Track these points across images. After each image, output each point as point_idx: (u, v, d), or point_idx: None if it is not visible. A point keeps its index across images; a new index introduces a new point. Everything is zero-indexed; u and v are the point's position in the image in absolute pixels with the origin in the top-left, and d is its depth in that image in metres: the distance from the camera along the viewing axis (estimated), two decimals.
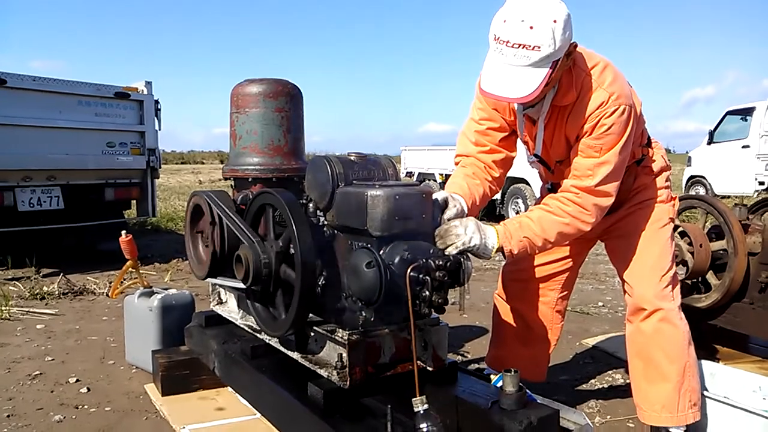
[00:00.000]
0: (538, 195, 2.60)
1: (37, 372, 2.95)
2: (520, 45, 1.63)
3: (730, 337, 3.01)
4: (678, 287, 2.06)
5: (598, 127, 1.78)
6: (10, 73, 5.26)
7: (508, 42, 1.64)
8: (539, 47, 1.62)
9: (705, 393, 2.19)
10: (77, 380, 2.85)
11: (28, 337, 3.55)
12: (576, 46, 1.74)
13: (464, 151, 2.12)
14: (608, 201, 1.86)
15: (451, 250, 1.70)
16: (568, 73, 1.80)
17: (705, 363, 2.45)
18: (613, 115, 1.76)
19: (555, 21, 1.62)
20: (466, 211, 1.89)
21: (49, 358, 3.17)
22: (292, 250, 1.78)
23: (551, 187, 2.18)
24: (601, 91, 1.77)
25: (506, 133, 2.06)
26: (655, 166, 2.09)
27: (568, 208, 1.83)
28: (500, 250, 1.80)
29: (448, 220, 1.78)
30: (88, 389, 2.74)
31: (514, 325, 2.34)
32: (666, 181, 2.12)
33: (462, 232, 1.72)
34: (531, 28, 1.61)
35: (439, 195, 1.85)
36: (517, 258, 1.90)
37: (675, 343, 1.98)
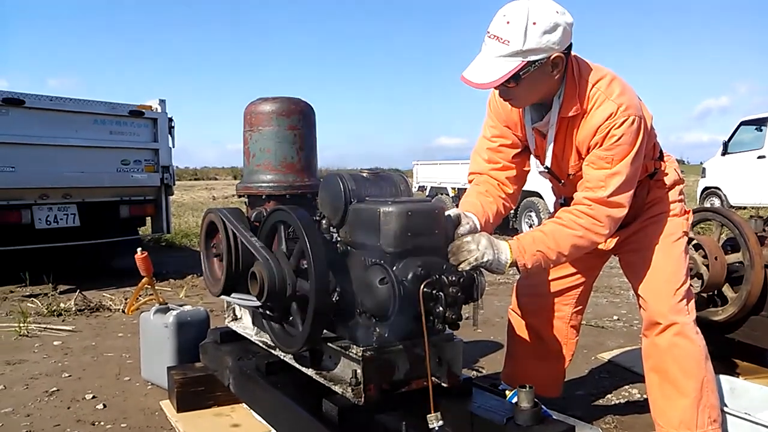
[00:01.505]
0: (551, 209, 2.60)
1: (54, 388, 2.97)
2: (494, 36, 1.71)
3: (749, 351, 2.97)
4: (693, 301, 2.04)
5: (608, 138, 1.78)
6: (29, 93, 5.37)
7: (489, 32, 1.73)
8: (508, 42, 1.68)
9: (725, 409, 2.16)
10: (93, 397, 2.87)
11: (46, 354, 3.59)
12: (563, 59, 1.75)
13: (477, 168, 2.15)
14: (621, 212, 1.84)
15: (464, 267, 1.69)
16: (572, 84, 1.82)
17: (724, 378, 2.42)
18: (623, 126, 1.76)
19: (534, 23, 1.66)
20: (479, 228, 1.89)
21: (66, 375, 3.19)
22: (305, 267, 1.80)
23: (564, 201, 2.18)
24: (609, 103, 1.78)
25: (518, 150, 2.07)
26: (668, 180, 2.08)
27: (581, 220, 1.82)
28: (513, 264, 1.80)
29: (461, 236, 1.79)
30: (105, 406, 2.76)
31: (529, 340, 2.33)
32: (679, 194, 2.11)
33: (474, 248, 1.72)
34: (508, 23, 1.69)
35: (452, 212, 1.86)
36: (532, 272, 1.89)
37: (691, 357, 1.96)
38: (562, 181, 2.05)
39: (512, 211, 9.69)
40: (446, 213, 1.81)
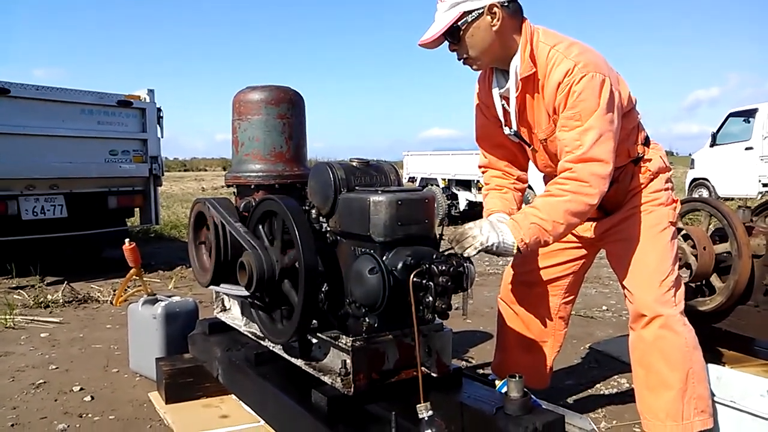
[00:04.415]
0: None
1: (41, 381, 2.95)
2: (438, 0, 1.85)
3: (736, 340, 3.00)
4: (681, 291, 2.02)
5: (570, 96, 1.78)
6: (14, 82, 5.29)
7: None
8: None
9: (712, 397, 2.17)
10: (81, 389, 2.84)
11: (32, 346, 3.55)
12: (499, 8, 1.80)
13: (482, 162, 2.23)
14: (605, 168, 1.80)
15: (470, 252, 1.70)
16: (527, 47, 1.85)
17: (711, 367, 2.43)
18: (582, 81, 1.76)
19: None
20: None
21: (53, 367, 3.17)
22: (295, 256, 1.79)
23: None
24: (566, 61, 1.80)
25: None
26: (653, 166, 2.04)
27: (567, 185, 1.80)
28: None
29: (463, 225, 1.79)
30: (92, 397, 2.74)
31: (517, 331, 2.32)
32: (666, 182, 2.07)
33: (478, 233, 1.72)
34: None
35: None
36: (532, 248, 1.84)
37: (676, 349, 1.94)
38: (533, 146, 2.03)
39: None
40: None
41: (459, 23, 1.80)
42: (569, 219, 1.80)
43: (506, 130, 2.02)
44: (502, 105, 1.99)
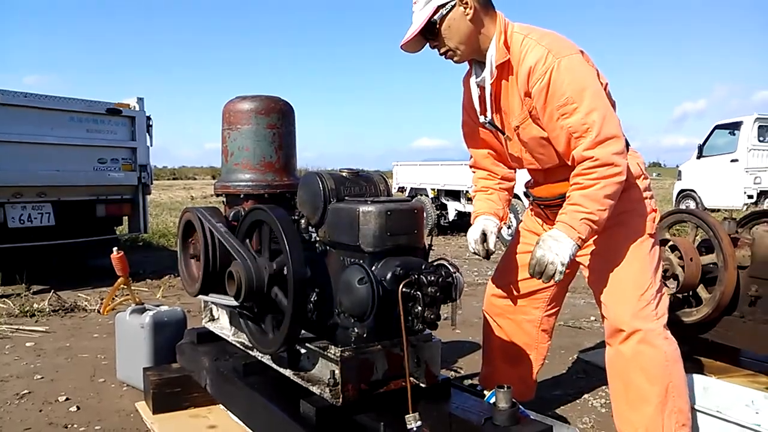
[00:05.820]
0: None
1: (26, 391, 2.91)
2: (413, 2, 1.93)
3: (722, 350, 3.02)
4: (664, 303, 1.97)
5: (553, 84, 1.80)
6: (2, 89, 5.26)
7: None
8: None
9: (697, 407, 2.18)
10: (67, 399, 2.81)
11: (17, 355, 3.51)
12: None
13: (471, 162, 2.29)
14: (620, 142, 1.81)
15: (559, 277, 1.79)
16: (501, 37, 1.90)
17: (697, 377, 2.46)
18: (561, 67, 1.79)
19: None
20: (499, 224, 2.14)
21: (38, 377, 3.13)
22: (284, 266, 1.79)
23: (527, 192, 2.24)
24: (539, 47, 1.84)
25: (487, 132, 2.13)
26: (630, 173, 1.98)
27: (594, 173, 1.79)
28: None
29: (531, 258, 1.85)
30: (78, 408, 2.71)
31: (500, 343, 2.31)
32: (645, 191, 2.03)
33: (552, 256, 1.78)
34: None
35: (474, 233, 2.10)
36: (587, 238, 1.86)
37: (656, 364, 1.90)
38: (507, 134, 2.03)
39: None
40: (469, 237, 2.11)
41: (435, 17, 1.87)
42: (609, 202, 1.82)
43: (481, 119, 2.05)
44: (479, 94, 2.02)
